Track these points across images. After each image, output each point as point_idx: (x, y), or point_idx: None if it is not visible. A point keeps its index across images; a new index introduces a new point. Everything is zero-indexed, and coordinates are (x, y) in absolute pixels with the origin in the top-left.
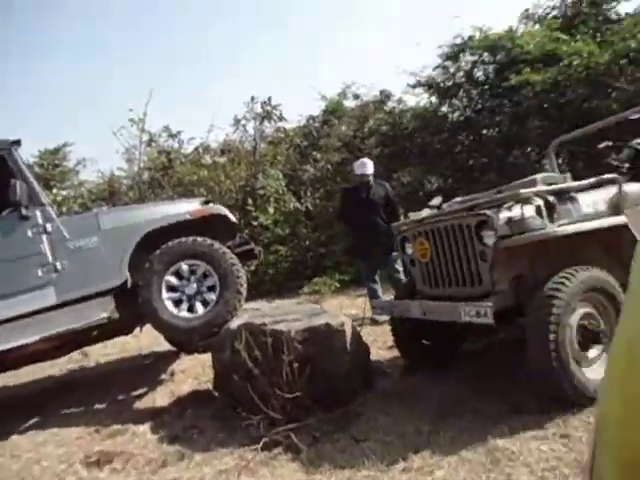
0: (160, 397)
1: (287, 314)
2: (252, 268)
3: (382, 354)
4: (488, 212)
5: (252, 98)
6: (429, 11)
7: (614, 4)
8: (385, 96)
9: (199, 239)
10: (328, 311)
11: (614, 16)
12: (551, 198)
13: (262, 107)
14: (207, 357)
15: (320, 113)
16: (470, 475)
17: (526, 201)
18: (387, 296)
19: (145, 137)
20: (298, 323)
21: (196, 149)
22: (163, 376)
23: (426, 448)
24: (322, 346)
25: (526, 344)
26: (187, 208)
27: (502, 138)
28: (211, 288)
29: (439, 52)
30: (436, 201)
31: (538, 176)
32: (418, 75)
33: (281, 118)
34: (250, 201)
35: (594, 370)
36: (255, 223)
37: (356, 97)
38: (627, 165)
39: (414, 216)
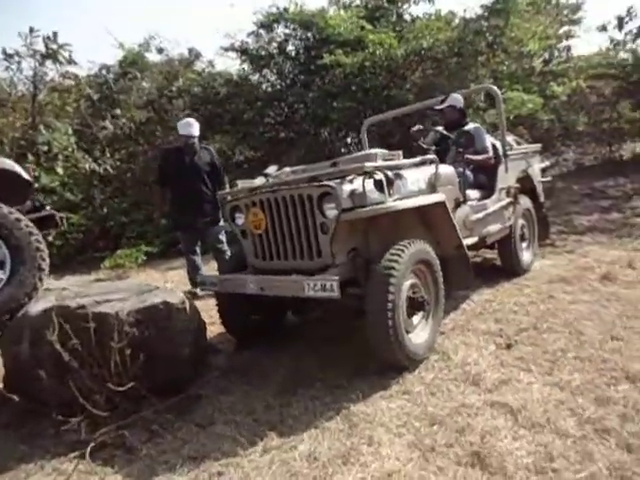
0: None
1: (108, 293)
2: (51, 239)
3: (210, 329)
4: (332, 184)
5: (31, 30)
6: None
7: (406, 6)
8: (195, 55)
9: None
10: (160, 287)
11: (407, 16)
12: (390, 173)
13: (45, 44)
14: None
15: (116, 63)
16: (333, 443)
17: (369, 175)
18: (207, 269)
19: None
20: (127, 303)
21: None
22: None
23: (281, 423)
24: (160, 328)
25: (366, 315)
26: None
27: (312, 115)
28: None
29: (254, 19)
30: (272, 169)
31: (377, 151)
32: (233, 38)
33: (70, 61)
34: (31, 158)
35: (417, 335)
36: (37, 185)
37: (160, 51)
38: (433, 147)
39: (244, 184)
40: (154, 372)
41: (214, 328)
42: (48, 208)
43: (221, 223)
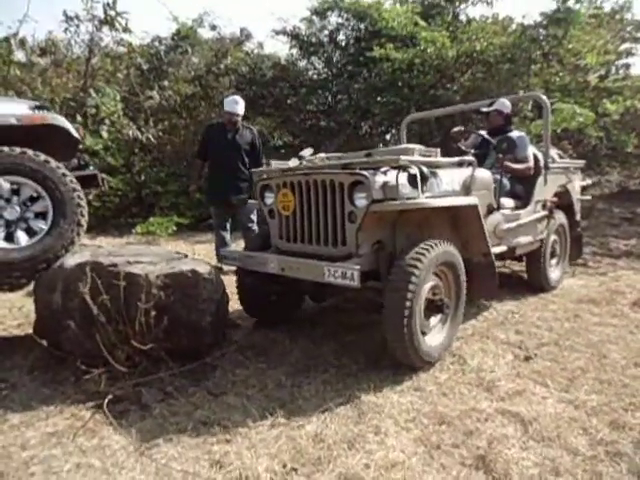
0: None
1: (139, 255)
2: (91, 198)
3: (232, 305)
4: (365, 173)
5: None
6: None
7: (464, 6)
8: (245, 35)
9: (29, 152)
10: (189, 256)
11: (463, 16)
12: (425, 169)
13: (104, 10)
14: (14, 297)
15: (169, 36)
16: (340, 428)
17: (404, 168)
18: (235, 246)
19: None
20: (157, 267)
21: (5, 40)
22: None
23: (291, 402)
24: (186, 294)
25: (383, 311)
26: (13, 110)
27: (354, 106)
28: (40, 215)
29: (309, 5)
30: (307, 152)
31: (415, 146)
32: (285, 22)
33: (126, 29)
34: (79, 119)
35: (433, 337)
36: (81, 146)
37: (213, 28)
38: (473, 151)
39: (278, 164)
40: (175, 336)
41: (234, 304)
42: (92, 168)
43: (253, 202)
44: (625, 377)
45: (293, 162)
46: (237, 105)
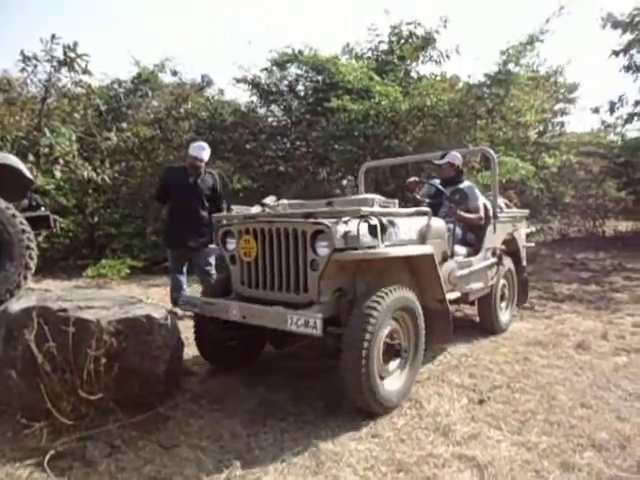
0: None
1: (91, 300)
2: (40, 239)
3: (185, 352)
4: (327, 222)
5: (53, 37)
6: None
7: (414, 64)
8: (206, 82)
9: None
10: (143, 300)
11: (414, 73)
12: (384, 220)
13: (64, 52)
14: None
15: (130, 79)
16: (298, 479)
17: (364, 219)
18: (190, 291)
19: None
20: (109, 312)
21: None
22: None
23: (248, 453)
24: (139, 341)
25: (341, 355)
26: None
27: (312, 153)
28: None
29: (269, 56)
30: (270, 199)
31: (374, 196)
32: (247, 71)
33: (85, 71)
34: (32, 158)
35: (392, 382)
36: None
37: (174, 74)
38: (427, 200)
39: (239, 210)
40: (126, 385)
41: (188, 350)
42: (43, 209)
43: (212, 246)
44: (572, 418)
45: (256, 209)
46: (203, 151)
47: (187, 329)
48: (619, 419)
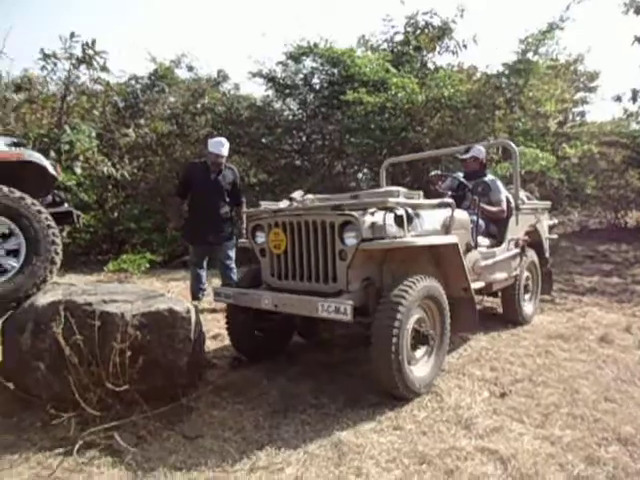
0: None
1: (115, 294)
2: (63, 235)
3: (207, 344)
4: (354, 213)
5: (72, 35)
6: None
7: (431, 55)
8: (222, 77)
9: (4, 188)
10: (165, 294)
11: (431, 64)
12: (410, 210)
13: (83, 49)
14: None
15: (146, 75)
16: (321, 470)
17: (390, 209)
18: (211, 284)
19: None
20: (133, 306)
21: None
22: None
23: (270, 444)
24: (163, 334)
25: (372, 343)
26: None
27: (328, 147)
28: (12, 252)
29: (284, 50)
30: (298, 194)
31: (399, 189)
32: (262, 65)
33: (104, 68)
34: (53, 155)
35: (418, 368)
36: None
37: (190, 69)
38: (450, 193)
39: (267, 205)
40: (150, 377)
41: (210, 343)
42: (67, 205)
43: (233, 241)
44: (596, 412)
45: (284, 203)
46: (223, 147)
47: (207, 322)
48: None
